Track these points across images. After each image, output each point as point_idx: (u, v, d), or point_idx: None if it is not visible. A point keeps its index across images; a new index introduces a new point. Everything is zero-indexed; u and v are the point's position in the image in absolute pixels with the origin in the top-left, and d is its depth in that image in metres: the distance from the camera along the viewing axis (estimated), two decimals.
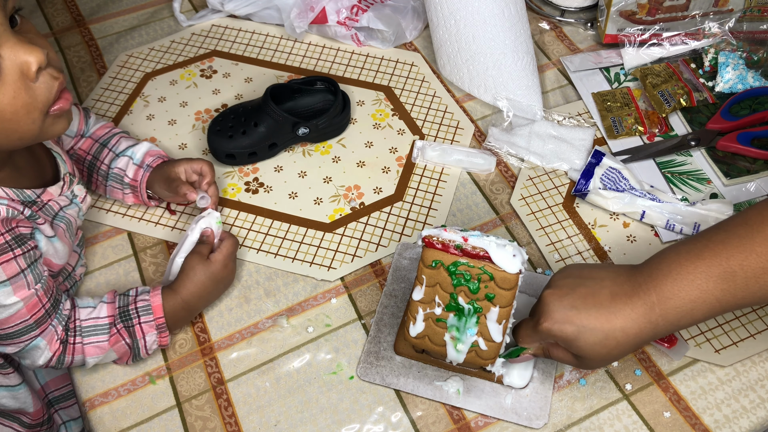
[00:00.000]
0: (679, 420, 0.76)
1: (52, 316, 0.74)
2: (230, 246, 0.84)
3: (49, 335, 0.74)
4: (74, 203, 0.81)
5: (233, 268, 0.85)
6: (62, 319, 0.75)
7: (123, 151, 0.91)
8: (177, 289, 0.80)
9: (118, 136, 0.93)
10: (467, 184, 0.98)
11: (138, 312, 0.78)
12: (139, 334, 0.78)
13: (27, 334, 0.72)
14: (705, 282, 0.63)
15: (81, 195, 0.82)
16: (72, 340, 0.76)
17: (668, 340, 0.79)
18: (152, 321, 0.78)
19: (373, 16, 1.12)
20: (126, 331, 0.78)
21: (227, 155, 0.99)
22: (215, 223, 0.85)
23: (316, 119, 0.99)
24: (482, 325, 0.70)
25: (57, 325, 0.75)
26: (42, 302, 0.73)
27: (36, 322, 0.72)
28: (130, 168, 0.90)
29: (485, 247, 0.68)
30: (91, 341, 0.76)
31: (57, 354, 0.75)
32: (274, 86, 1.00)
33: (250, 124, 0.98)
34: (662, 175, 0.97)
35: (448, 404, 0.78)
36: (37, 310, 0.72)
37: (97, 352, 0.77)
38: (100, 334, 0.77)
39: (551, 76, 1.12)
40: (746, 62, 1.06)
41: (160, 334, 0.79)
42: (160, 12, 1.24)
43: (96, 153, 0.92)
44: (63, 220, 0.78)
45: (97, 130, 0.93)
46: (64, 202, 0.79)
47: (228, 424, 0.77)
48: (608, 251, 0.90)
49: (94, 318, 0.77)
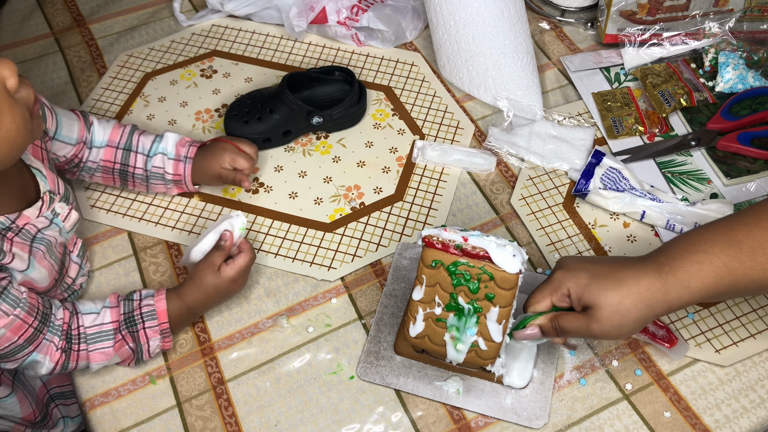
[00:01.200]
0: (679, 420, 0.76)
1: (43, 332, 0.73)
2: (244, 261, 0.81)
3: (45, 348, 0.73)
4: (54, 223, 0.77)
5: (242, 282, 0.83)
6: (57, 330, 0.74)
7: (152, 149, 0.90)
8: (182, 295, 0.80)
9: (137, 134, 0.90)
10: (467, 184, 0.98)
11: (143, 317, 0.77)
12: (143, 338, 0.78)
13: (20, 353, 0.71)
14: (710, 246, 0.65)
15: (63, 213, 0.78)
16: (76, 347, 0.75)
17: (668, 340, 0.79)
18: (156, 326, 0.78)
19: (373, 16, 1.12)
20: (130, 336, 0.77)
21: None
22: (238, 228, 0.82)
23: (331, 109, 1.00)
24: (482, 325, 0.70)
25: (52, 337, 0.74)
26: (27, 322, 0.71)
27: (26, 341, 0.71)
28: (168, 164, 0.90)
29: (485, 247, 0.68)
30: (97, 348, 0.76)
31: (60, 363, 0.75)
32: (291, 74, 1.01)
33: (266, 110, 0.99)
34: (662, 175, 0.97)
35: (448, 404, 0.78)
36: (24, 331, 0.71)
37: (102, 358, 0.77)
38: (106, 341, 0.76)
39: (551, 76, 1.12)
40: (746, 62, 1.06)
41: (164, 339, 0.79)
42: (160, 12, 1.24)
43: (123, 159, 0.90)
44: (42, 242, 0.75)
45: (111, 135, 0.89)
46: (42, 223, 0.75)
47: (228, 424, 0.77)
48: (608, 251, 0.90)
49: (99, 325, 0.76)
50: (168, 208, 0.95)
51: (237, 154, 0.92)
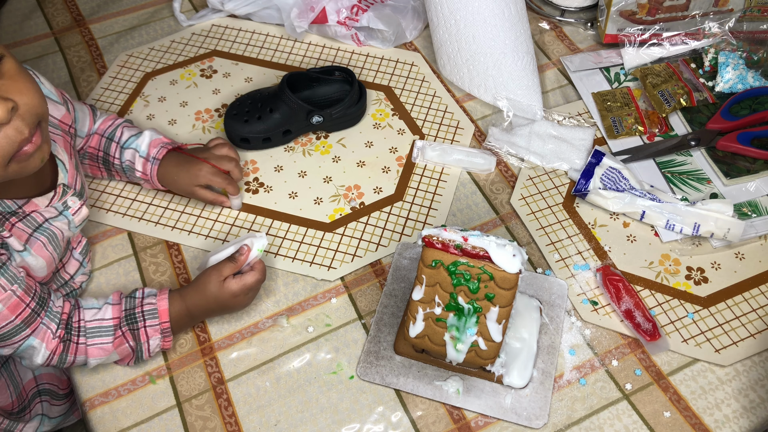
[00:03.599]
0: (679, 420, 0.76)
1: (41, 315, 0.73)
2: (251, 279, 0.79)
3: (42, 333, 0.73)
4: (64, 215, 0.78)
5: (244, 301, 0.81)
6: (54, 316, 0.74)
7: (127, 143, 0.90)
8: (184, 297, 0.80)
9: (122, 126, 0.91)
10: (467, 183, 0.98)
11: (144, 315, 0.77)
12: (143, 337, 0.77)
13: (18, 335, 0.72)
14: None
15: (74, 207, 0.79)
16: (76, 340, 0.76)
17: (651, 334, 0.79)
18: (157, 325, 0.78)
19: (373, 16, 1.12)
20: (130, 334, 0.77)
21: (242, 139, 1.00)
22: (257, 249, 0.81)
23: (331, 108, 1.00)
24: (482, 325, 0.70)
25: (49, 323, 0.74)
26: (25, 301, 0.71)
27: (23, 321, 0.71)
28: (138, 161, 0.90)
29: (485, 246, 0.68)
30: (95, 342, 0.76)
31: (57, 353, 0.75)
32: (291, 74, 1.02)
33: (266, 110, 0.99)
34: (662, 175, 0.97)
35: (448, 404, 0.78)
36: (22, 310, 0.71)
37: (100, 353, 0.77)
38: (105, 336, 0.76)
39: (551, 76, 1.12)
40: (746, 62, 1.06)
41: (164, 338, 0.79)
42: (160, 12, 1.24)
43: (105, 148, 0.91)
44: (45, 233, 0.75)
45: (100, 125, 0.92)
46: (50, 213, 0.76)
47: (228, 423, 0.77)
48: (608, 251, 0.90)
49: (99, 320, 0.77)
50: (168, 208, 0.95)
51: (214, 174, 0.90)
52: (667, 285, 0.87)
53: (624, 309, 0.83)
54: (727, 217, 0.87)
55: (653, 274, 0.88)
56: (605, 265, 0.88)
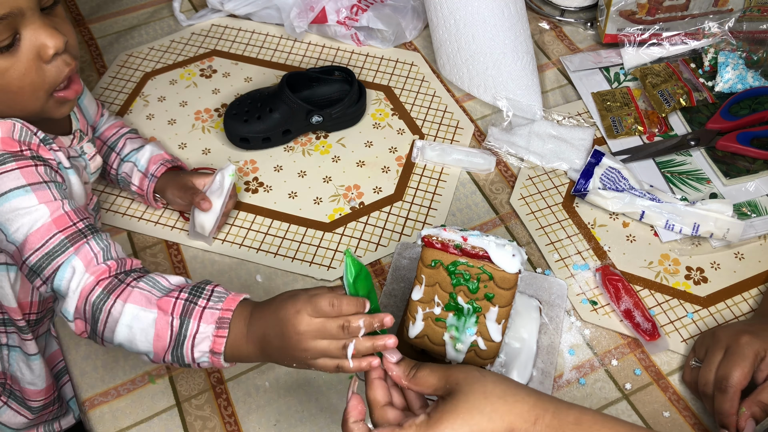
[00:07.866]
0: (678, 420, 0.76)
1: (88, 237, 0.67)
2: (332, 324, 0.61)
3: (84, 254, 0.66)
4: (82, 158, 0.81)
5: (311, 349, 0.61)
6: (102, 244, 0.67)
7: (127, 156, 0.91)
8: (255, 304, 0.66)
9: (125, 138, 0.92)
10: (467, 183, 0.98)
11: (211, 294, 0.66)
12: (195, 319, 0.64)
13: (60, 255, 0.66)
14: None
15: (90, 153, 0.82)
16: (128, 281, 0.66)
17: (650, 334, 0.79)
18: (218, 311, 0.64)
19: (373, 16, 1.12)
20: (182, 306, 0.64)
21: (241, 139, 1.00)
22: (228, 175, 0.86)
23: (330, 108, 1.00)
24: (481, 325, 0.70)
25: (97, 251, 0.67)
26: (72, 219, 0.67)
27: (68, 237, 0.66)
28: (135, 175, 0.90)
29: (485, 246, 0.68)
30: (144, 289, 0.66)
31: (102, 285, 0.65)
32: (291, 74, 1.02)
33: (265, 109, 0.99)
34: (662, 175, 0.97)
35: None
36: (68, 226, 0.67)
37: (141, 301, 0.65)
38: (157, 291, 0.66)
39: (551, 76, 1.12)
40: (746, 62, 1.06)
41: (217, 329, 0.64)
42: (160, 11, 1.24)
43: (105, 156, 0.91)
44: (74, 167, 0.76)
45: (105, 130, 0.92)
46: (73, 153, 0.79)
47: (228, 423, 0.77)
48: (608, 251, 0.90)
49: (161, 278, 0.68)
50: (168, 207, 0.95)
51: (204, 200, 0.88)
52: (666, 285, 0.87)
53: (623, 309, 0.83)
54: (726, 217, 0.87)
55: (653, 274, 0.88)
56: (605, 265, 0.88)
